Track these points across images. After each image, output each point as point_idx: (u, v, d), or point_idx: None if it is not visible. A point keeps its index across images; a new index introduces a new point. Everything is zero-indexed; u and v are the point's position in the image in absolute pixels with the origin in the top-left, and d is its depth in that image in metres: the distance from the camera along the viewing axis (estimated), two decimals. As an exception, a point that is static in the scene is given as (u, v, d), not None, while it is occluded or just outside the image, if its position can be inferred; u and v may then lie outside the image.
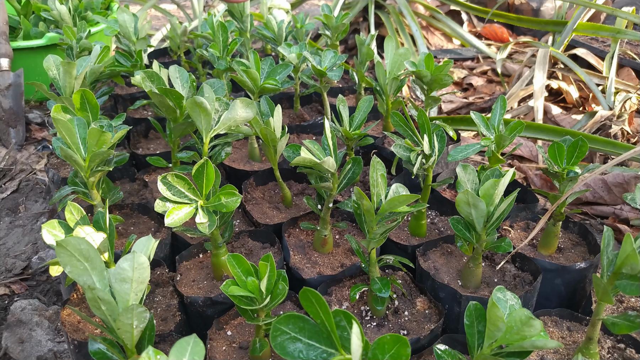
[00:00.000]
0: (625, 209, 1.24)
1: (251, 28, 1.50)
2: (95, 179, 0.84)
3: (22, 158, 1.71)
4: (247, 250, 0.94)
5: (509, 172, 0.75)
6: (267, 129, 0.89)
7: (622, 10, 1.71)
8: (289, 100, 1.49)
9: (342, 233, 1.00)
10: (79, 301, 0.86)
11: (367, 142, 1.02)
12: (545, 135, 1.36)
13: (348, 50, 2.41)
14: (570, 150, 0.84)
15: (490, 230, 0.76)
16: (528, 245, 0.95)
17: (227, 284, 0.65)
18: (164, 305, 0.86)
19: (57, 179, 1.16)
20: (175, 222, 0.70)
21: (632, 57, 1.88)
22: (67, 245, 0.52)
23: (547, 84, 1.80)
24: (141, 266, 0.54)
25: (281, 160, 1.17)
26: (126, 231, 1.02)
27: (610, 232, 0.66)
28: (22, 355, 0.97)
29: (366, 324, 0.81)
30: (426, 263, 0.89)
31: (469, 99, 1.93)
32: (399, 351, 0.45)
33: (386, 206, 0.70)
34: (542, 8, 2.54)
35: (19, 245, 1.33)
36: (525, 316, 0.51)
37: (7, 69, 1.76)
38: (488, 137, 0.91)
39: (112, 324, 0.53)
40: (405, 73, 1.15)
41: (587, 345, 0.70)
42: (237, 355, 0.75)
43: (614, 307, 0.87)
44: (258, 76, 1.07)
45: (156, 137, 1.37)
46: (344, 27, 1.49)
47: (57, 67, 0.99)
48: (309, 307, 0.45)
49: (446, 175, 1.15)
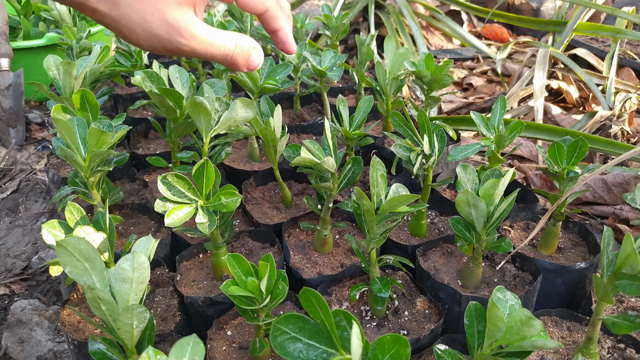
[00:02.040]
0: (625, 209, 1.24)
1: (251, 28, 1.49)
2: (95, 179, 0.84)
3: (22, 158, 1.71)
4: (247, 250, 0.94)
5: (509, 172, 0.75)
6: (267, 129, 0.89)
7: (622, 10, 1.71)
8: (289, 100, 1.49)
9: (342, 233, 1.00)
10: (79, 301, 0.86)
11: (367, 142, 1.02)
12: (545, 135, 1.36)
13: (348, 50, 2.41)
14: (570, 150, 0.84)
15: (490, 230, 0.76)
16: (528, 245, 0.95)
17: (227, 284, 0.65)
18: (164, 305, 0.86)
19: (57, 179, 1.16)
20: (175, 222, 0.70)
21: (632, 57, 1.88)
22: (67, 245, 0.52)
23: (547, 84, 1.80)
24: (141, 266, 0.54)
25: (281, 160, 1.17)
26: (126, 231, 1.02)
27: (610, 232, 0.66)
28: (22, 355, 0.97)
29: (366, 324, 0.81)
30: (426, 263, 0.89)
31: (469, 99, 1.93)
32: (399, 351, 0.45)
33: (386, 206, 0.70)
34: (542, 8, 2.54)
35: (19, 245, 1.33)
36: (525, 316, 0.51)
37: (7, 69, 1.76)
38: (488, 137, 0.91)
39: (112, 324, 0.53)
40: (405, 73, 1.15)
41: (587, 345, 0.70)
42: (237, 355, 0.75)
43: (614, 307, 0.87)
44: (258, 76, 1.07)
45: (156, 137, 1.37)
46: (344, 27, 1.49)
47: (57, 67, 0.99)
48: (309, 307, 0.45)
49: (446, 175, 1.15)
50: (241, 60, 0.63)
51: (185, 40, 0.59)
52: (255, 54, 0.64)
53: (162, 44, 0.59)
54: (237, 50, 0.62)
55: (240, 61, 0.63)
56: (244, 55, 0.63)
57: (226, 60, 0.62)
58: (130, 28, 0.58)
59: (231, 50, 0.61)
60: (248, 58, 0.63)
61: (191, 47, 0.59)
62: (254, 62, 0.64)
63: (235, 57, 0.62)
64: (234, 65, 0.63)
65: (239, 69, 0.64)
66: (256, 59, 0.64)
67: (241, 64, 0.63)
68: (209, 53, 0.60)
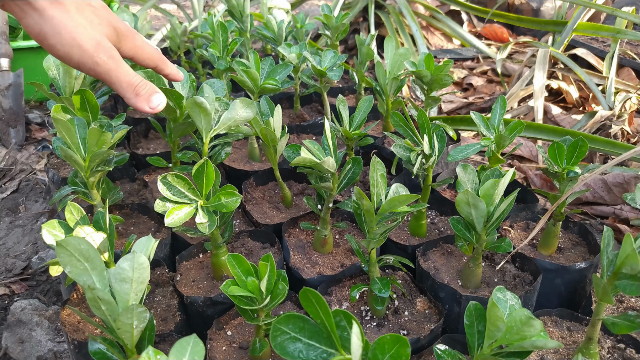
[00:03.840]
0: (625, 209, 1.24)
1: (251, 28, 1.50)
2: (95, 179, 0.84)
3: (22, 158, 1.71)
4: (247, 250, 0.94)
5: (509, 172, 0.75)
6: (267, 129, 0.89)
7: (622, 10, 1.71)
8: (289, 100, 1.49)
9: (342, 233, 1.00)
10: (79, 301, 0.86)
11: (367, 142, 1.02)
12: (545, 135, 1.36)
13: (348, 50, 2.41)
14: (570, 150, 0.84)
15: (490, 230, 0.76)
16: (528, 245, 0.95)
17: (227, 284, 0.65)
18: (164, 305, 0.86)
19: (57, 179, 1.16)
20: (175, 222, 0.70)
21: (632, 57, 1.88)
22: (67, 245, 0.52)
23: (547, 84, 1.80)
24: (141, 266, 0.54)
25: (281, 160, 1.17)
26: (126, 231, 1.02)
27: (610, 232, 0.66)
28: (22, 355, 0.97)
29: (366, 324, 0.81)
30: (426, 263, 0.89)
31: (469, 99, 1.93)
32: (399, 351, 0.45)
33: (386, 206, 0.70)
34: (542, 8, 2.54)
35: (19, 245, 1.33)
36: (525, 316, 0.51)
37: (7, 69, 1.76)
38: (488, 137, 0.91)
39: (112, 324, 0.53)
40: (405, 73, 1.15)
41: (587, 345, 0.70)
42: (237, 355, 0.75)
43: (614, 307, 0.87)
44: (258, 76, 1.07)
45: (156, 137, 1.37)
46: (344, 27, 1.49)
47: (57, 67, 0.99)
48: (309, 307, 0.45)
49: (446, 175, 1.15)
50: (144, 94, 0.70)
51: (105, 58, 0.66)
52: (156, 96, 0.71)
53: (82, 56, 0.65)
54: (142, 84, 0.70)
55: (143, 94, 0.70)
56: (147, 91, 0.70)
57: (130, 89, 0.69)
58: (57, 31, 0.63)
59: (137, 82, 0.69)
60: (150, 95, 0.71)
61: (108, 66, 0.66)
62: (154, 100, 0.71)
63: (139, 89, 0.70)
64: (137, 96, 0.70)
65: (140, 103, 0.70)
66: (156, 99, 0.71)
67: (143, 97, 0.70)
68: (119, 77, 0.68)
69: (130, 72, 0.69)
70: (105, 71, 0.66)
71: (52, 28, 0.63)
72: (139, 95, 0.70)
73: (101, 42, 0.66)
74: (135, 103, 0.70)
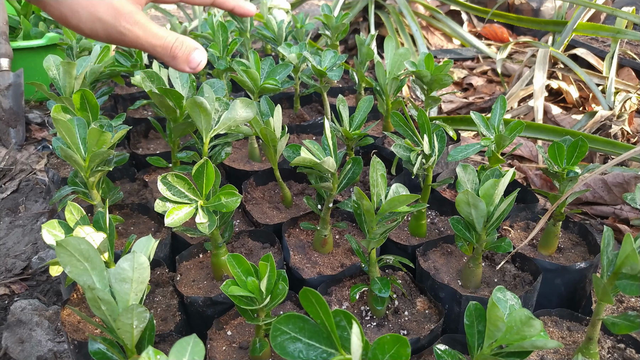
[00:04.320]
0: (625, 209, 1.24)
1: (251, 28, 1.50)
2: (95, 179, 0.84)
3: (22, 158, 1.71)
4: (247, 250, 0.94)
5: (509, 172, 0.75)
6: (267, 129, 0.89)
7: (622, 10, 1.71)
8: (289, 100, 1.49)
9: (342, 233, 1.00)
10: (79, 301, 0.86)
11: (367, 142, 1.02)
12: (545, 135, 1.36)
13: (348, 50, 2.41)
14: (570, 150, 0.84)
15: (490, 230, 0.76)
16: (528, 245, 0.95)
17: (227, 284, 0.65)
18: (164, 305, 0.86)
19: (57, 179, 1.16)
20: (175, 222, 0.70)
21: (632, 57, 1.88)
22: (67, 245, 0.52)
23: (547, 84, 1.80)
24: (141, 266, 0.54)
25: (281, 160, 1.17)
26: (126, 231, 1.02)
27: (610, 232, 0.66)
28: (22, 355, 0.97)
29: (366, 324, 0.81)
30: (426, 263, 0.89)
31: (469, 99, 1.93)
32: (399, 351, 0.45)
33: (386, 206, 0.70)
34: (542, 8, 2.54)
35: (19, 245, 1.33)
36: (525, 316, 0.51)
37: (7, 69, 1.77)
38: (488, 137, 0.91)
39: (112, 324, 0.53)
40: (405, 73, 1.15)
41: (587, 345, 0.70)
42: (237, 355, 0.75)
43: (614, 307, 0.87)
44: (258, 76, 1.07)
45: (156, 137, 1.37)
46: (344, 27, 1.49)
47: (57, 67, 0.99)
48: (309, 307, 0.45)
49: (446, 175, 1.15)
50: (181, 54, 0.63)
51: (129, 26, 0.60)
52: (197, 53, 0.64)
53: (106, 29, 0.60)
54: (177, 44, 0.63)
55: (181, 56, 0.63)
56: (184, 51, 0.63)
57: (166, 52, 0.63)
58: (74, 10, 0.59)
59: (171, 42, 0.62)
60: (189, 54, 0.63)
61: (135, 33, 0.60)
62: (194, 59, 0.64)
63: (176, 50, 0.63)
64: (175, 59, 0.63)
65: (180, 65, 0.64)
66: (197, 57, 0.64)
67: (181, 59, 0.63)
68: (150, 42, 0.61)
69: (161, 33, 0.62)
70: (133, 40, 0.61)
71: (69, 8, 0.59)
72: (177, 58, 0.63)
73: (119, 9, 0.60)
74: (175, 67, 0.64)
